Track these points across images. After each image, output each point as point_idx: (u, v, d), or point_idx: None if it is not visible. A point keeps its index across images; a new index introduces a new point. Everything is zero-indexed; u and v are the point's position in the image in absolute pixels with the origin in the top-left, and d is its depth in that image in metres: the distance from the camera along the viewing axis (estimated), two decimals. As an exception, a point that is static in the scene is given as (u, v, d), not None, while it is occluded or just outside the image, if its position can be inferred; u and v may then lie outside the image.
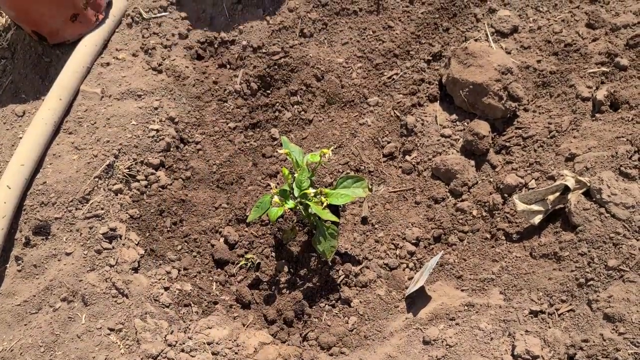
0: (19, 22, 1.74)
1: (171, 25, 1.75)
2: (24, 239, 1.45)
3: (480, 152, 1.47)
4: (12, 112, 1.69)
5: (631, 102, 1.38)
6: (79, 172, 1.52)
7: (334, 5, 1.70)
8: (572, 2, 1.62)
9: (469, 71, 1.48)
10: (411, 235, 1.44)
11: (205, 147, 1.65)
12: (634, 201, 1.20)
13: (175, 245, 1.53)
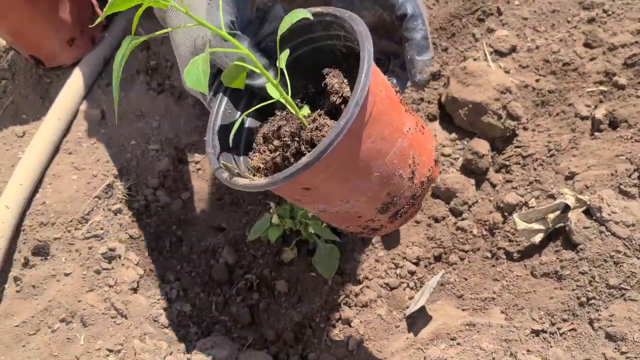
0: (16, 47, 1.76)
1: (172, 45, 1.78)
2: (23, 260, 1.45)
3: (480, 170, 1.48)
4: (12, 133, 1.70)
5: (630, 120, 1.39)
6: (78, 192, 1.53)
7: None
8: (569, 22, 1.64)
9: (468, 90, 1.50)
10: (411, 254, 1.44)
11: (205, 166, 1.66)
12: (634, 219, 1.21)
13: (174, 265, 1.54)
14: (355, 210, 0.94)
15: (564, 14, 1.65)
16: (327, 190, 0.88)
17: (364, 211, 0.95)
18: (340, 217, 0.98)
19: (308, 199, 0.91)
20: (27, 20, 1.63)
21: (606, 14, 1.62)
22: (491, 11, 1.70)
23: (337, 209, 0.93)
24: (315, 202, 0.93)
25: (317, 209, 0.96)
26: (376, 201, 0.93)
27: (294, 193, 0.91)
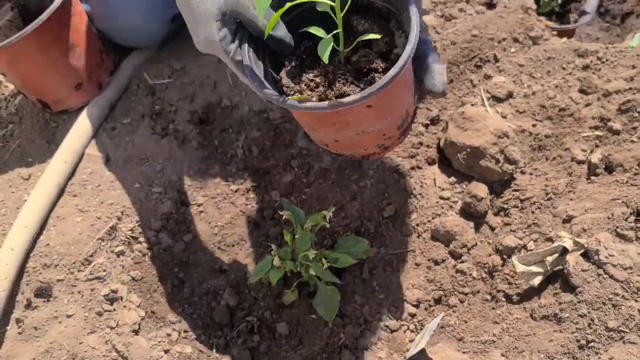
0: (24, 91, 1.79)
1: (176, 90, 1.81)
2: (26, 301, 1.46)
3: (479, 214, 1.50)
4: (18, 175, 1.73)
5: (625, 165, 1.42)
6: (82, 234, 1.55)
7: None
8: (564, 69, 1.68)
9: (466, 135, 1.52)
10: (412, 296, 1.45)
11: (207, 209, 1.68)
12: (632, 262, 1.22)
13: (176, 307, 1.54)
14: (385, 127, 1.10)
15: (559, 61, 1.69)
16: (384, 106, 1.03)
17: (390, 128, 1.12)
18: (368, 137, 1.11)
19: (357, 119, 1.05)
20: (37, 66, 1.67)
21: (600, 61, 1.66)
22: (488, 58, 1.74)
23: (374, 128, 1.08)
24: (358, 125, 1.06)
25: (353, 132, 1.08)
26: (399, 118, 1.11)
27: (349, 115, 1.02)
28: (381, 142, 1.16)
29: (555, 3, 2.36)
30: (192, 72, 1.84)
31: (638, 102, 1.50)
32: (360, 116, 1.03)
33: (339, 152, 1.18)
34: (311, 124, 1.11)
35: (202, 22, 1.06)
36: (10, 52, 1.61)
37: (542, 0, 2.36)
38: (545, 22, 1.85)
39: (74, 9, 1.71)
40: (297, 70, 1.08)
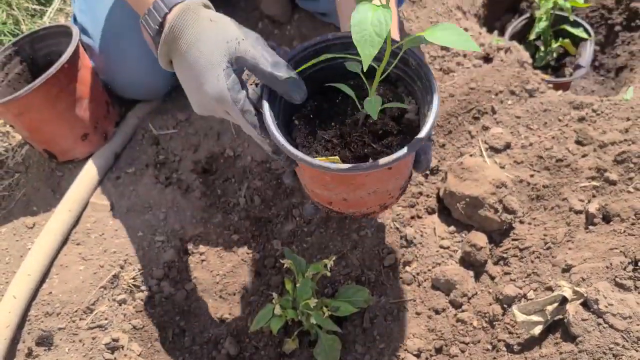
0: (31, 142, 1.82)
1: (180, 141, 1.84)
2: (27, 350, 1.45)
3: (479, 263, 1.50)
4: (22, 224, 1.74)
5: (622, 215, 1.43)
6: (84, 282, 1.55)
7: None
8: (561, 121, 1.71)
9: (465, 185, 1.54)
10: (412, 346, 1.44)
11: (209, 258, 1.69)
12: (631, 312, 1.22)
13: (177, 356, 1.53)
14: (394, 187, 1.16)
15: (555, 113, 1.73)
16: (401, 168, 1.10)
17: (397, 189, 1.18)
18: (376, 197, 1.15)
19: (375, 180, 1.10)
20: (45, 118, 1.70)
21: (595, 113, 1.69)
22: (486, 110, 1.77)
23: (385, 188, 1.14)
24: (374, 185, 1.11)
25: (365, 192, 1.12)
26: (405, 180, 1.19)
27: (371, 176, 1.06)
28: (384, 202, 1.20)
29: (551, 57, 2.41)
30: (196, 123, 1.87)
31: (633, 153, 1.53)
32: (380, 177, 1.07)
33: (341, 210, 1.19)
34: (327, 183, 1.12)
35: (206, 76, 1.08)
36: (19, 104, 1.64)
37: (538, 54, 2.41)
38: (541, 76, 1.89)
39: (81, 63, 1.75)
40: (307, 129, 1.11)
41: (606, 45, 2.62)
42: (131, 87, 1.89)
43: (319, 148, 1.08)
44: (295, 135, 1.11)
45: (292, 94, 1.06)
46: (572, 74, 2.36)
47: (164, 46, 1.14)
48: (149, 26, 1.17)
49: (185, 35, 1.11)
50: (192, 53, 1.10)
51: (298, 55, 1.11)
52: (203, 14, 1.13)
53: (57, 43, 1.84)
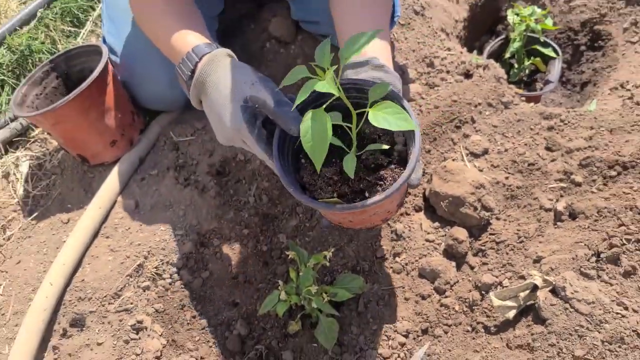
0: (66, 147, 1.82)
1: (197, 146, 1.85)
2: (62, 331, 1.46)
3: (460, 254, 1.51)
4: (58, 220, 1.74)
5: (586, 212, 1.43)
6: (113, 271, 1.55)
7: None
8: (532, 129, 1.71)
9: (448, 186, 1.55)
10: (402, 328, 1.44)
11: (222, 250, 1.69)
12: (594, 297, 1.22)
13: (194, 336, 1.53)
14: (392, 208, 1.21)
15: (528, 123, 1.73)
16: (397, 195, 1.13)
17: (394, 207, 1.23)
18: (378, 217, 1.21)
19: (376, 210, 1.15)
20: (78, 127, 1.71)
21: (563, 123, 1.69)
22: (466, 120, 1.78)
23: (384, 210, 1.19)
24: (374, 210, 1.15)
25: (368, 215, 1.18)
26: (401, 199, 1.24)
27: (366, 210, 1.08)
28: (385, 217, 1.24)
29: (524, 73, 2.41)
30: (211, 131, 1.88)
31: (596, 158, 1.53)
32: (377, 206, 1.09)
33: (349, 227, 1.24)
34: (331, 213, 1.18)
35: (227, 112, 1.15)
36: (55, 115, 1.64)
37: (512, 71, 2.42)
38: (515, 90, 1.89)
39: (110, 78, 1.75)
40: (312, 167, 1.14)
41: (572, 63, 2.62)
42: (154, 100, 1.90)
43: (322, 185, 1.12)
44: (303, 174, 1.14)
45: (291, 126, 1.09)
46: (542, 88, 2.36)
47: (194, 89, 1.23)
48: (183, 72, 1.28)
49: (211, 79, 1.20)
50: (215, 94, 1.19)
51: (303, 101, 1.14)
52: (226, 62, 1.22)
53: (89, 60, 1.85)
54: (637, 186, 1.43)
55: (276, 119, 1.11)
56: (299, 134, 1.06)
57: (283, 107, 1.11)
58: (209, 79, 1.20)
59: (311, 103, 1.15)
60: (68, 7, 2.30)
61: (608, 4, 2.54)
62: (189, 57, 1.26)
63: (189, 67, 1.25)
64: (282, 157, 1.12)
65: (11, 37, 2.15)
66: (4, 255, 1.72)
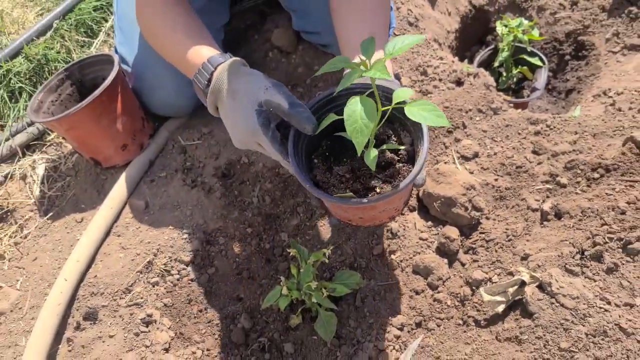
0: (79, 151, 1.82)
1: (204, 150, 1.85)
2: (75, 324, 1.45)
3: (452, 252, 1.50)
4: (72, 219, 1.74)
5: (571, 212, 1.43)
6: (124, 267, 1.55)
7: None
8: (520, 134, 1.71)
9: (441, 187, 1.54)
10: (396, 321, 1.44)
11: (227, 248, 1.69)
12: (579, 293, 1.22)
13: (200, 329, 1.53)
14: (399, 205, 1.23)
15: (515, 128, 1.73)
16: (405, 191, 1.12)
17: (401, 204, 1.24)
18: (386, 213, 1.21)
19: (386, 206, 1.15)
20: (91, 131, 1.71)
21: (549, 128, 1.69)
22: (458, 125, 1.78)
23: (393, 207, 1.19)
24: (384, 206, 1.15)
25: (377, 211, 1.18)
26: (406, 198, 1.26)
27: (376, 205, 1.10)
28: (392, 215, 1.25)
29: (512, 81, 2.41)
30: (217, 135, 1.88)
31: (580, 161, 1.53)
32: (387, 202, 1.10)
33: (359, 224, 1.25)
34: (345, 210, 1.18)
35: (242, 116, 1.16)
36: (69, 120, 1.64)
37: (501, 79, 2.42)
38: (503, 97, 1.89)
39: (121, 86, 1.75)
40: (325, 166, 1.15)
41: (558, 72, 2.62)
42: (163, 107, 1.90)
43: (335, 182, 1.12)
44: (316, 173, 1.15)
45: (305, 125, 1.10)
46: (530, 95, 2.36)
47: (211, 96, 1.24)
48: (200, 82, 1.28)
49: (226, 87, 1.21)
50: (231, 100, 1.19)
51: (315, 105, 1.16)
52: (239, 70, 1.23)
53: (102, 69, 1.85)
54: (619, 188, 1.43)
55: (291, 120, 1.12)
56: (313, 133, 1.09)
57: (297, 108, 1.11)
58: (224, 87, 1.21)
59: (322, 108, 1.16)
60: (82, 19, 2.29)
61: (591, 16, 2.54)
62: (205, 67, 1.27)
63: (206, 76, 1.26)
64: (296, 156, 1.12)
65: (29, 47, 2.15)
66: (21, 252, 1.72)
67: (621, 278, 1.25)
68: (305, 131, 1.11)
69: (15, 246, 1.75)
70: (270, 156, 1.20)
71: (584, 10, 2.57)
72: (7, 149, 1.99)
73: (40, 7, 2.41)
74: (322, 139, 1.21)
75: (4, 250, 1.74)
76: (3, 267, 1.68)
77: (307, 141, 1.17)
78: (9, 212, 1.85)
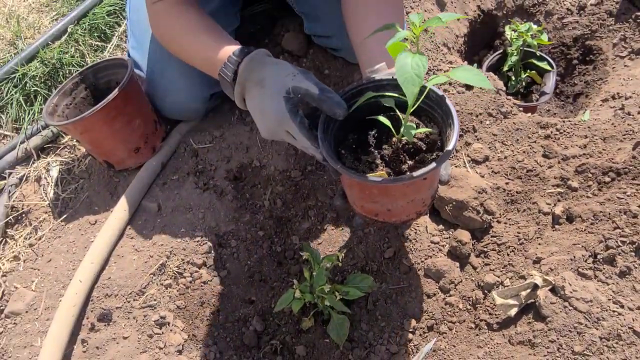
0: (93, 154, 1.82)
1: (215, 153, 1.84)
2: (90, 325, 1.45)
3: (464, 255, 1.49)
4: (86, 221, 1.74)
5: (583, 216, 1.42)
6: (137, 269, 1.55)
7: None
8: (530, 138, 1.70)
9: (452, 191, 1.53)
10: (408, 324, 1.43)
11: (239, 250, 1.68)
12: (592, 296, 1.21)
13: (212, 331, 1.52)
14: (427, 196, 1.21)
15: (526, 132, 1.72)
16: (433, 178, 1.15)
17: (429, 197, 1.22)
18: (413, 205, 1.19)
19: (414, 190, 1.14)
20: (104, 135, 1.70)
21: (559, 132, 1.68)
22: (468, 129, 1.77)
23: (421, 196, 1.18)
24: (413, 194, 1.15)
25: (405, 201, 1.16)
26: (434, 190, 1.23)
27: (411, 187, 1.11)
28: (420, 210, 1.23)
29: (521, 85, 2.40)
30: (229, 138, 1.87)
31: (591, 165, 1.52)
32: (418, 186, 1.11)
33: (385, 219, 1.23)
34: (374, 195, 1.16)
35: (270, 104, 1.16)
36: (83, 124, 1.64)
37: (510, 83, 2.40)
38: (512, 101, 1.88)
39: (134, 89, 1.75)
40: (352, 157, 1.15)
41: (566, 76, 2.61)
42: (175, 110, 1.90)
43: (365, 169, 1.11)
44: (344, 161, 1.14)
45: (336, 110, 1.10)
46: (538, 99, 2.35)
47: (238, 87, 1.24)
48: (227, 75, 1.28)
49: (253, 76, 1.21)
50: (259, 88, 1.19)
51: (343, 95, 1.16)
52: (265, 59, 1.23)
53: (115, 73, 1.85)
54: (630, 191, 1.42)
55: (321, 105, 1.11)
56: (343, 117, 1.10)
57: (327, 93, 1.11)
58: (251, 77, 1.21)
59: (351, 98, 1.16)
60: (96, 24, 2.30)
61: (598, 21, 2.53)
62: (231, 60, 1.26)
63: (232, 69, 1.25)
64: (326, 142, 1.12)
65: (44, 51, 2.15)
66: (36, 254, 1.72)
67: (634, 281, 1.23)
68: (336, 116, 1.10)
69: (30, 247, 1.75)
70: (298, 144, 1.18)
71: (591, 15, 2.56)
72: (22, 151, 1.99)
73: (55, 12, 2.41)
74: (349, 132, 1.21)
75: (19, 251, 1.74)
76: (18, 268, 1.69)
77: (334, 132, 1.17)
78: (24, 214, 1.85)
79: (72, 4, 2.41)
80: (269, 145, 1.82)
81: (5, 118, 2.11)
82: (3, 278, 1.67)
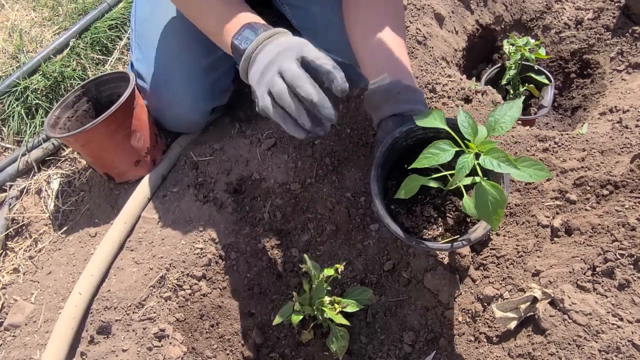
0: (94, 166, 1.83)
1: (215, 166, 1.85)
2: (89, 338, 1.44)
3: (463, 268, 1.49)
4: (86, 233, 1.74)
5: (581, 229, 1.42)
6: (137, 282, 1.55)
7: (342, 153, 1.80)
8: (528, 151, 1.70)
9: (451, 203, 1.54)
10: (408, 337, 1.43)
11: (239, 263, 1.68)
12: (591, 309, 1.21)
13: (212, 344, 1.52)
14: None
15: (524, 144, 1.72)
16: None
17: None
18: None
19: None
20: (105, 147, 1.71)
21: (557, 145, 1.68)
22: (467, 142, 1.77)
23: None
24: None
25: None
26: None
27: None
28: None
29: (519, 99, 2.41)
30: (229, 151, 1.88)
31: (589, 178, 1.52)
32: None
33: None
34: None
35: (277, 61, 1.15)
36: (85, 136, 1.65)
37: (508, 96, 2.42)
38: (511, 114, 1.88)
39: (136, 102, 1.76)
40: (404, 209, 1.22)
41: (564, 89, 2.62)
42: (177, 122, 1.91)
43: (424, 224, 1.20)
44: (402, 220, 1.20)
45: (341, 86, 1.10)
46: (537, 112, 2.36)
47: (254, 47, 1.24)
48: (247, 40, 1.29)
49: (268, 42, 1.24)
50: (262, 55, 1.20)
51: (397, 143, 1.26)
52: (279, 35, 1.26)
53: (117, 86, 1.86)
54: (629, 204, 1.42)
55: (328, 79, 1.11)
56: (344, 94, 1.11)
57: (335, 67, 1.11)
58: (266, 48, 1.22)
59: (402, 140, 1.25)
60: (97, 37, 2.32)
61: (596, 35, 2.55)
62: (255, 27, 1.29)
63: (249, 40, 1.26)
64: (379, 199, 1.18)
65: (46, 65, 2.17)
66: (35, 266, 1.72)
67: (633, 294, 1.23)
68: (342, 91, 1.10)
69: (29, 260, 1.75)
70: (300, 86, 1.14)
71: (588, 29, 2.58)
72: (23, 164, 2.00)
73: (57, 26, 2.43)
74: (386, 180, 1.27)
75: (19, 263, 1.74)
76: (18, 281, 1.68)
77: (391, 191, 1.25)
78: (24, 226, 1.86)
79: (75, 18, 2.43)
80: (269, 158, 1.83)
81: (7, 131, 2.12)
82: (3, 290, 1.67)
